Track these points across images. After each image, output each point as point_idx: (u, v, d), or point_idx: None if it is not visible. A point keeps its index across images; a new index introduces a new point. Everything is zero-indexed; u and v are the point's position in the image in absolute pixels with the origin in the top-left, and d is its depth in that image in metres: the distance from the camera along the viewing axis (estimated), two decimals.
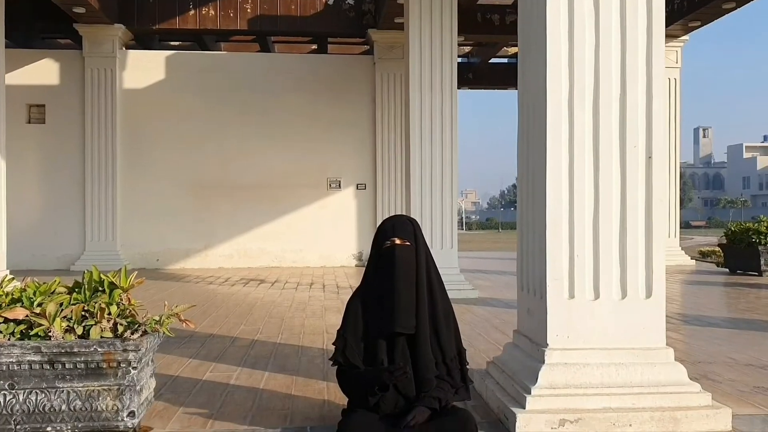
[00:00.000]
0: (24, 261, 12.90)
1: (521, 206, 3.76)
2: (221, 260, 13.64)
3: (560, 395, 3.20)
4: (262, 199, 13.62)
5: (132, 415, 2.93)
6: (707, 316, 7.17)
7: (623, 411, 3.17)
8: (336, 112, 13.74)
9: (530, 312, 3.59)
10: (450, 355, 2.99)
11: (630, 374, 3.28)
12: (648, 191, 3.37)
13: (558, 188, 3.33)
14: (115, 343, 2.88)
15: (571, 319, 3.33)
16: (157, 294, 9.09)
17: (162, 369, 4.50)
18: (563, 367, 3.27)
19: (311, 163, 13.70)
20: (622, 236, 3.36)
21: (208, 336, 5.81)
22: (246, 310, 7.44)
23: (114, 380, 2.92)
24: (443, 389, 2.92)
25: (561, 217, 3.33)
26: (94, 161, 13.16)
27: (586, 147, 3.35)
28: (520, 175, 3.79)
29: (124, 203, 13.42)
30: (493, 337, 5.67)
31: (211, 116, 13.53)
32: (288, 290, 9.49)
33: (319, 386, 4.04)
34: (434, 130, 8.28)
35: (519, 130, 3.84)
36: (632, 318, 3.35)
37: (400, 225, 3.04)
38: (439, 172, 8.28)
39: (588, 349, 3.31)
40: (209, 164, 13.59)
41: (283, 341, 5.57)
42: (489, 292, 9.02)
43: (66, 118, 13.27)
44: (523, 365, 3.47)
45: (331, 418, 3.36)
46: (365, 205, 13.87)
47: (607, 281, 3.34)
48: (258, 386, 4.08)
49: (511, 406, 3.22)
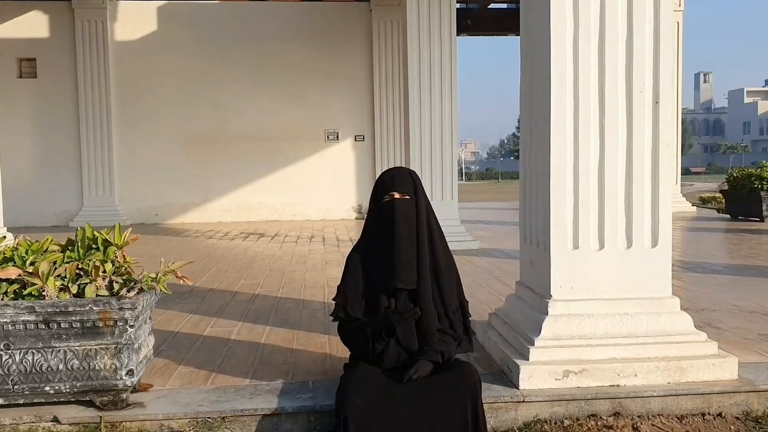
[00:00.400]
0: (22, 218, 12.84)
1: (524, 155, 3.66)
2: (220, 214, 13.58)
3: (564, 346, 3.15)
4: (259, 152, 13.48)
5: (131, 373, 2.89)
6: (709, 263, 7.13)
7: (628, 361, 3.13)
8: (333, 62, 13.50)
9: (533, 263, 3.52)
10: (452, 308, 2.94)
11: (635, 324, 3.24)
12: (655, 137, 3.27)
13: (562, 135, 3.23)
14: (110, 302, 2.82)
15: (575, 269, 3.26)
16: (157, 249, 9.06)
17: (162, 325, 4.48)
18: (567, 318, 3.22)
19: (308, 114, 13.52)
20: (628, 184, 3.27)
21: (208, 291, 5.78)
22: (246, 265, 7.40)
23: (111, 339, 2.87)
24: (446, 342, 2.88)
25: (565, 164, 3.24)
26: (89, 115, 12.99)
27: (592, 92, 3.24)
28: (523, 122, 3.68)
29: (120, 158, 13.29)
30: (495, 288, 5.64)
31: (205, 68, 13.29)
32: (288, 244, 9.44)
33: (320, 340, 4.01)
34: (433, 78, 8.10)
35: (521, 77, 3.71)
36: (638, 267, 3.29)
37: (399, 178, 2.95)
38: (438, 121, 8.13)
39: (592, 299, 3.26)
40: (205, 117, 13.41)
41: (284, 295, 5.54)
42: (490, 242, 8.97)
43: (58, 72, 13.05)
44: (526, 317, 3.42)
45: (333, 371, 3.33)
46: (364, 156, 13.74)
47: (613, 230, 3.27)
48: (259, 341, 4.05)
49: (515, 358, 3.18)
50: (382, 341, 2.77)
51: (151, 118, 13.32)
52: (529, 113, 3.56)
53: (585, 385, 3.08)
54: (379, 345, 2.78)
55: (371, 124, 13.64)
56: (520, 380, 3.06)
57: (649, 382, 3.11)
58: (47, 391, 2.85)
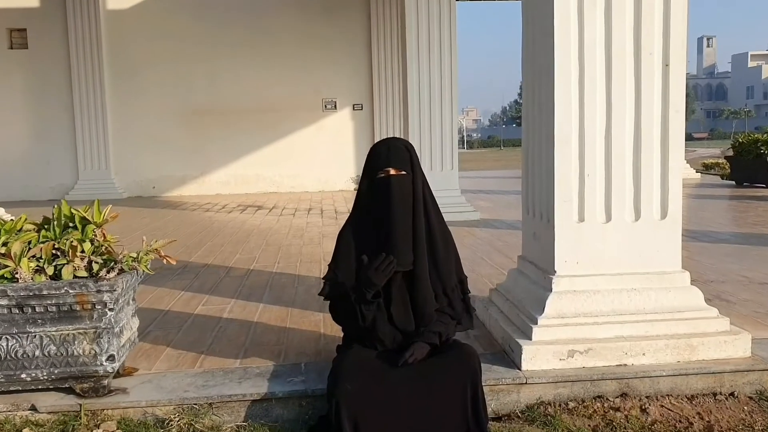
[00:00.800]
0: (16, 192, 12.73)
1: (527, 123, 3.47)
2: (218, 186, 13.40)
3: (569, 324, 3.00)
4: (256, 123, 13.26)
5: (111, 359, 2.74)
6: (715, 232, 6.97)
7: (636, 339, 2.98)
8: (329, 29, 13.20)
9: (536, 236, 3.35)
10: (451, 285, 2.78)
11: (643, 300, 3.07)
12: (664, 102, 3.08)
13: (567, 102, 3.03)
14: (87, 284, 2.66)
15: (581, 243, 3.09)
16: (153, 222, 8.92)
17: (152, 303, 4.34)
18: (572, 294, 3.06)
19: (305, 84, 13.25)
20: (636, 153, 3.08)
21: (202, 266, 5.63)
22: (242, 238, 7.25)
23: (90, 323, 2.71)
24: (444, 322, 2.72)
25: (570, 132, 3.05)
26: (82, 87, 12.75)
27: (598, 55, 3.03)
28: (526, 90, 3.48)
29: (115, 130, 13.09)
30: (496, 261, 5.48)
31: (201, 36, 13.01)
32: (285, 217, 9.28)
33: (315, 318, 3.86)
34: (432, 44, 7.85)
35: (523, 41, 3.50)
36: (646, 241, 3.11)
37: (395, 151, 2.75)
38: (438, 89, 7.90)
39: (598, 275, 3.09)
40: (201, 87, 13.17)
41: (280, 270, 5.39)
42: (491, 213, 8.80)
43: (49, 43, 12.80)
44: (528, 293, 3.26)
45: (327, 352, 3.18)
46: (362, 126, 13.51)
47: (620, 202, 3.09)
48: (252, 319, 3.91)
49: (517, 337, 3.03)
50: (369, 304, 2.61)
51: (146, 89, 13.07)
52: (531, 79, 3.37)
53: (591, 365, 2.93)
54: (367, 310, 2.61)
55: (369, 93, 13.38)
56: (522, 361, 2.91)
57: (657, 361, 2.96)
58: (24, 379, 2.71)
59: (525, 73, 3.48)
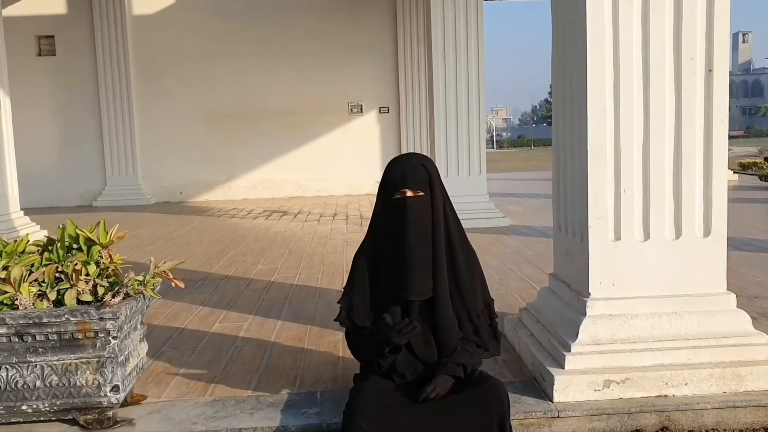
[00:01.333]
0: (46, 198, 12.78)
1: (557, 133, 3.25)
2: (245, 191, 13.33)
3: (604, 352, 2.78)
4: (282, 126, 13.15)
5: (116, 389, 2.59)
6: (757, 240, 6.64)
7: (677, 368, 2.75)
8: (355, 31, 13.04)
9: (569, 255, 3.13)
10: (476, 311, 2.58)
11: (685, 325, 2.84)
12: (707, 111, 2.84)
13: (601, 110, 2.81)
14: (89, 311, 2.51)
15: (617, 263, 2.87)
16: (178, 230, 8.84)
17: (169, 320, 4.20)
18: (608, 319, 2.84)
19: (331, 87, 13.11)
20: (676, 165, 2.85)
21: (222, 278, 5.49)
22: (265, 246, 7.11)
23: (92, 352, 2.57)
24: (469, 352, 2.52)
25: (605, 144, 2.83)
26: (109, 92, 12.77)
27: (634, 60, 2.81)
28: (556, 97, 3.26)
29: (142, 136, 13.08)
30: (527, 273, 5.25)
31: (226, 41, 12.93)
32: (310, 222, 9.14)
33: (333, 338, 3.68)
34: (458, 45, 7.63)
35: (553, 46, 3.29)
36: (688, 260, 2.88)
37: (411, 170, 2.55)
38: (464, 91, 7.68)
39: (636, 297, 2.87)
40: (227, 92, 13.10)
41: (301, 282, 5.23)
42: (521, 218, 8.56)
43: (77, 49, 12.83)
44: (561, 316, 3.04)
45: (344, 379, 3.01)
46: (389, 129, 13.33)
47: (659, 219, 2.86)
48: (269, 339, 3.74)
49: (548, 365, 2.82)
50: (386, 358, 2.43)
51: (172, 94, 13.05)
52: (561, 86, 3.15)
53: (628, 396, 2.71)
54: (384, 362, 2.44)
55: (395, 95, 13.19)
56: (554, 392, 2.70)
57: (701, 392, 2.73)
58: (24, 410, 2.57)
59: (555, 79, 3.26)
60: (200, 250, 7.04)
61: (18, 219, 7.50)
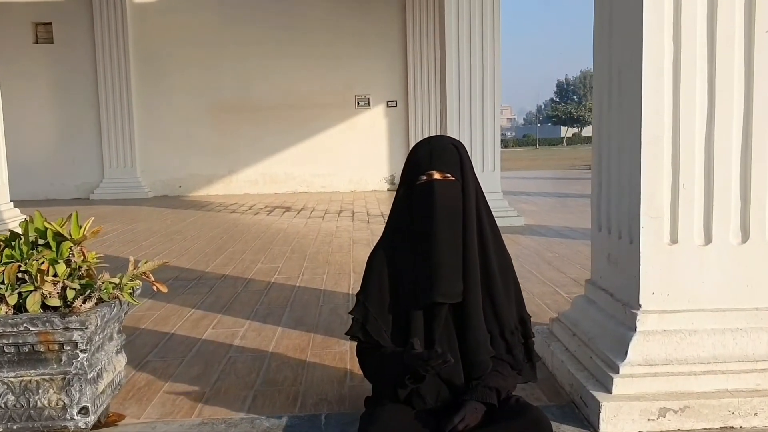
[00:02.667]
0: (42, 190, 12.43)
1: (599, 121, 2.84)
2: (246, 186, 12.93)
3: (659, 374, 2.37)
4: (286, 120, 12.74)
5: (84, 411, 2.19)
6: None
7: (745, 395, 2.34)
8: (362, 22, 12.61)
9: (612, 260, 2.72)
10: (510, 327, 2.17)
11: (753, 344, 2.43)
12: None
13: (659, 92, 2.40)
14: (52, 320, 2.12)
15: (673, 271, 2.46)
16: (174, 225, 8.45)
17: (157, 324, 3.81)
18: (662, 335, 2.43)
19: (337, 80, 12.69)
20: (745, 157, 2.44)
21: (219, 278, 5.09)
22: (266, 244, 6.71)
23: (57, 367, 2.17)
24: (502, 374, 2.12)
25: (662, 132, 2.42)
26: (108, 82, 12.38)
27: (698, 33, 2.40)
28: (599, 80, 2.85)
29: (141, 127, 12.69)
30: (548, 276, 4.83)
31: (228, 32, 12.53)
32: (314, 219, 8.73)
33: (340, 349, 3.28)
34: (473, 34, 7.20)
35: (596, 21, 2.88)
36: (756, 268, 2.47)
37: (440, 151, 2.14)
38: (479, 83, 7.25)
39: (695, 310, 2.46)
40: (229, 84, 12.70)
41: (304, 284, 4.82)
42: (535, 217, 8.15)
43: (75, 37, 12.44)
44: (604, 330, 2.63)
45: (353, 400, 2.61)
46: (397, 124, 12.91)
47: (724, 219, 2.45)
48: (267, 348, 3.34)
49: (591, 388, 2.41)
50: (406, 387, 2.03)
51: (173, 85, 12.65)
52: (608, 67, 2.73)
53: (688, 427, 2.30)
54: (403, 392, 2.04)
55: (404, 89, 12.77)
56: (601, 421, 2.29)
57: None
58: None
59: (599, 60, 2.85)
60: (196, 246, 6.64)
61: (7, 211, 7.09)
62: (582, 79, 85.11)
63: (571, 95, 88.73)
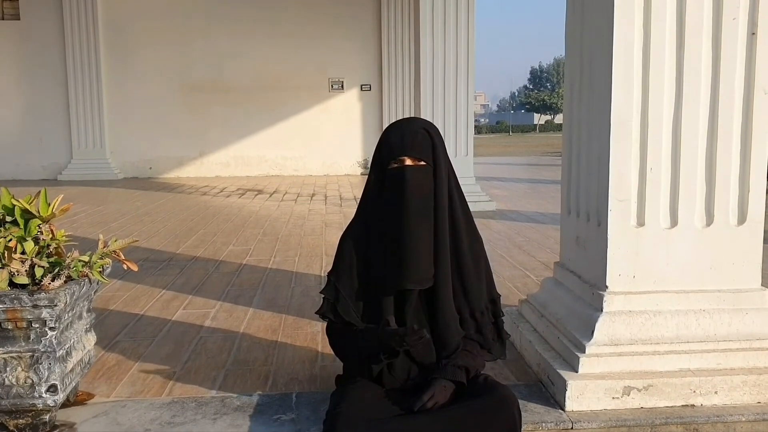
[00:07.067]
0: (8, 170, 12.22)
1: (570, 106, 2.87)
2: (218, 168, 12.82)
3: (624, 354, 2.43)
4: (258, 102, 12.63)
5: (53, 389, 2.18)
6: None
7: (706, 374, 2.40)
8: (337, 4, 12.52)
9: (581, 242, 2.77)
10: (480, 308, 2.21)
11: (714, 324, 2.50)
12: (748, 80, 2.48)
13: (627, 77, 2.44)
14: (20, 297, 2.09)
15: (639, 253, 2.51)
16: (145, 206, 8.35)
17: (127, 305, 3.78)
18: (627, 316, 2.48)
19: (311, 62, 12.60)
20: (710, 142, 2.49)
21: (190, 259, 5.06)
22: (238, 226, 6.67)
23: (25, 345, 2.15)
24: (472, 353, 2.16)
25: (630, 116, 2.46)
26: (76, 60, 12.13)
27: (668, 19, 2.43)
28: (570, 65, 2.88)
29: (111, 107, 12.48)
30: (518, 260, 4.89)
31: (200, 9, 12.36)
32: (287, 202, 8.70)
33: (311, 330, 3.29)
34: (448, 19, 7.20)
35: (569, 5, 2.90)
36: (719, 251, 2.53)
37: (412, 136, 2.14)
38: (453, 66, 7.27)
39: (660, 292, 2.51)
40: (201, 64, 12.53)
41: (276, 266, 4.82)
42: (507, 203, 8.22)
43: (42, 13, 12.16)
44: (571, 311, 2.68)
45: (324, 380, 2.63)
46: (370, 107, 12.88)
47: (689, 203, 2.50)
48: (238, 329, 3.34)
49: (558, 368, 2.46)
50: (379, 363, 2.05)
51: (143, 64, 12.45)
52: (579, 51, 2.76)
53: (651, 405, 2.36)
54: (375, 367, 2.06)
55: (378, 73, 12.73)
56: (567, 399, 2.34)
57: (733, 401, 2.39)
58: None
59: (570, 45, 2.88)
60: (167, 228, 6.59)
61: None
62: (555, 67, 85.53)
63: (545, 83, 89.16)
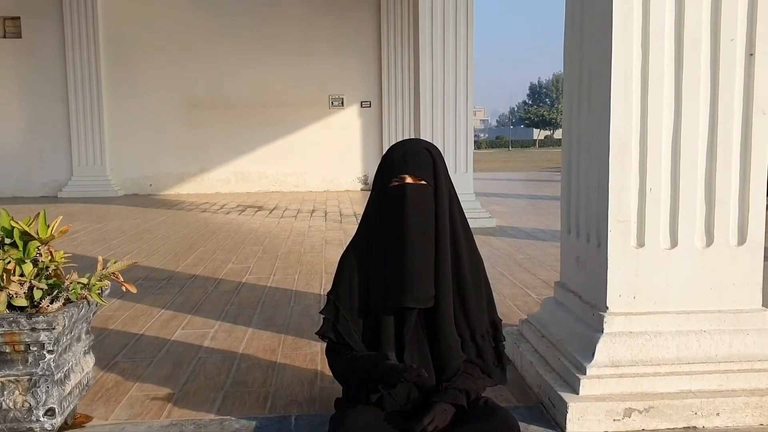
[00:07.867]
0: (8, 188, 12.24)
1: (569, 125, 2.88)
2: (218, 185, 12.84)
3: (625, 375, 2.41)
4: (259, 119, 12.68)
5: (51, 413, 2.17)
6: None
7: (708, 395, 2.39)
8: (336, 21, 12.60)
9: (581, 263, 2.76)
10: (481, 331, 2.19)
11: (715, 345, 2.49)
12: (746, 100, 2.48)
13: (627, 98, 2.44)
14: (18, 320, 2.09)
15: (640, 273, 2.50)
16: (144, 224, 8.36)
17: (126, 325, 3.77)
18: (628, 337, 2.47)
19: (311, 79, 12.66)
20: (710, 162, 2.49)
21: (189, 278, 5.05)
22: (237, 244, 6.67)
23: (23, 368, 2.14)
24: (472, 376, 2.14)
25: (630, 136, 2.46)
26: (77, 78, 12.19)
27: (666, 41, 2.44)
28: (569, 85, 2.89)
29: (111, 124, 12.53)
30: (519, 278, 4.88)
31: (201, 28, 12.43)
32: (286, 219, 8.70)
33: (310, 351, 3.28)
34: (447, 34, 7.23)
35: (567, 27, 2.92)
36: (719, 271, 2.53)
37: (413, 155, 2.15)
38: (452, 83, 7.29)
39: (661, 313, 2.50)
40: (202, 81, 12.59)
41: (275, 284, 4.81)
42: (507, 219, 8.22)
43: (44, 31, 12.24)
44: (571, 332, 2.67)
45: (324, 402, 2.61)
46: (371, 124, 12.92)
47: (689, 223, 2.50)
48: (237, 350, 3.32)
49: (559, 389, 2.44)
50: (376, 392, 2.04)
51: (143, 81, 12.50)
52: (578, 72, 2.77)
53: (652, 427, 2.35)
54: (373, 396, 2.05)
55: (378, 89, 12.78)
56: (567, 421, 2.33)
57: (735, 423, 2.37)
58: None
59: (569, 66, 2.89)
60: (167, 246, 6.58)
61: None
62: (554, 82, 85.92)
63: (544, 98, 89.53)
